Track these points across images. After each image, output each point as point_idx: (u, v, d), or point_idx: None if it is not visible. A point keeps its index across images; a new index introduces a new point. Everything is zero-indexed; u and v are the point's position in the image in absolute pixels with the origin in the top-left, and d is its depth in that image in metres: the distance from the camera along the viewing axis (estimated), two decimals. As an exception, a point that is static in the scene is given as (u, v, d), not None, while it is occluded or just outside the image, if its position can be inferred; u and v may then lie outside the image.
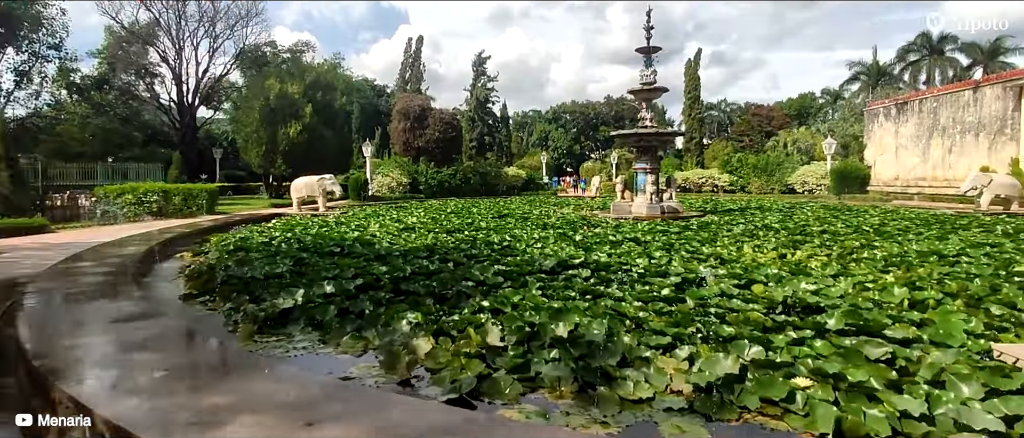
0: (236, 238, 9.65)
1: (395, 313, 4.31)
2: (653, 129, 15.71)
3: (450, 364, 3.40)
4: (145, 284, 5.87)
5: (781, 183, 29.22)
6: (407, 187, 29.38)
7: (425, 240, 8.82)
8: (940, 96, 25.99)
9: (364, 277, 5.58)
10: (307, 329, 4.27)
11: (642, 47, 15.73)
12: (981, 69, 48.75)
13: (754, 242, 8.67)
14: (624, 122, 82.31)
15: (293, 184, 16.66)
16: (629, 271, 5.89)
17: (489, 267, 5.96)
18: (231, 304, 5.02)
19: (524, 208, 17.88)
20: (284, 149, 27.13)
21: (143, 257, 7.32)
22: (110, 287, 5.20)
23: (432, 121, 31.36)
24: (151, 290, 5.76)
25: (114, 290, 5.05)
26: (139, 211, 15.64)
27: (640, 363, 3.27)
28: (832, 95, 77.73)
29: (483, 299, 4.67)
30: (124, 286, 5.32)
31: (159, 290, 5.89)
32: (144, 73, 34.85)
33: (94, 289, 4.99)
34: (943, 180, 25.29)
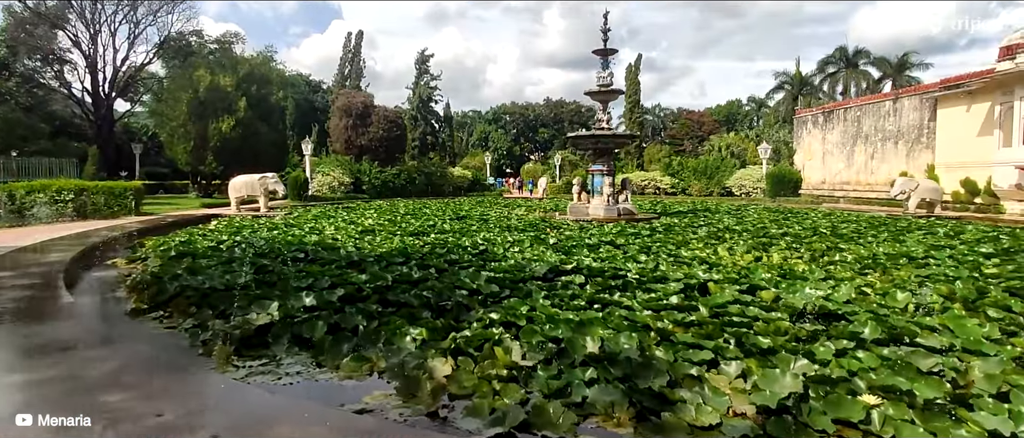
0: (176, 242, 8.73)
1: (396, 329, 3.86)
2: (611, 132, 15.73)
3: (478, 389, 3.01)
4: (82, 298, 5.07)
5: (720, 186, 30.29)
6: (349, 187, 28.25)
7: (392, 244, 8.28)
8: (863, 106, 27.73)
9: (344, 287, 5.04)
10: (294, 349, 3.74)
11: (599, 49, 15.70)
12: (890, 82, 52.77)
13: (724, 244, 8.70)
14: (564, 124, 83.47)
15: (231, 183, 15.48)
16: (625, 277, 5.65)
17: (477, 274, 5.56)
18: (194, 320, 4.38)
19: (478, 209, 17.48)
20: (215, 145, 25.36)
21: (70, 265, 6.41)
22: (42, 303, 4.43)
23: (375, 119, 30.30)
24: (91, 305, 4.98)
25: (48, 306, 4.31)
26: (52, 212, 14.01)
27: (690, 382, 3.00)
28: (757, 103, 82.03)
29: (488, 311, 4.28)
30: (58, 301, 4.56)
31: (100, 305, 5.11)
32: (52, 59, 31.61)
33: (22, 306, 4.22)
34: (866, 184, 26.98)
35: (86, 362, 2.86)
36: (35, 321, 3.96)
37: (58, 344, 3.25)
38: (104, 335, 3.72)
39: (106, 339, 3.55)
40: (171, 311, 4.75)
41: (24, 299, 4.50)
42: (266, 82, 29.36)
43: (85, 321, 4.12)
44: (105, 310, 4.83)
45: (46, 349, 3.09)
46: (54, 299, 4.77)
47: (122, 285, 5.89)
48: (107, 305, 5.11)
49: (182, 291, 5.11)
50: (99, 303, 5.15)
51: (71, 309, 4.47)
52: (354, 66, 41.06)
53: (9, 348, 3.13)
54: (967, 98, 21.00)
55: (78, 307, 4.61)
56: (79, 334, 3.57)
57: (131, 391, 2.38)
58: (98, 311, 4.76)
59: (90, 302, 5.06)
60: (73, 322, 3.93)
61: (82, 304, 4.78)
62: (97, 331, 3.85)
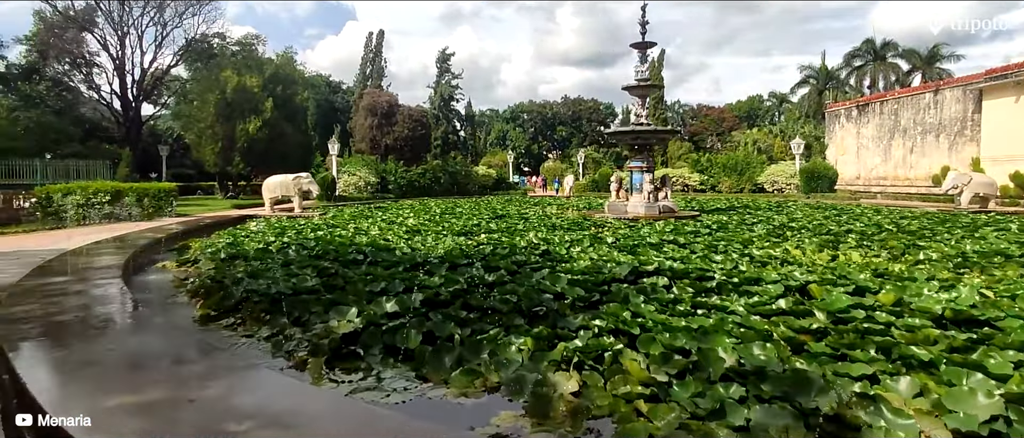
0: (222, 244, 8.52)
1: (495, 338, 3.54)
2: (651, 127, 15.31)
3: (616, 408, 2.68)
4: (145, 305, 4.82)
5: (751, 182, 29.64)
6: (375, 187, 28.10)
7: (445, 244, 7.98)
8: (901, 98, 26.92)
9: (421, 291, 4.74)
10: (389, 360, 3.43)
11: (637, 42, 15.31)
12: (920, 74, 51.50)
13: (788, 242, 8.28)
14: (582, 122, 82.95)
15: (266, 183, 15.33)
16: (713, 278, 5.27)
17: (555, 276, 5.23)
18: (269, 329, 4.11)
19: (511, 208, 17.15)
20: (242, 146, 25.36)
21: (123, 269, 6.19)
22: (109, 310, 4.19)
23: (400, 118, 30.10)
24: (157, 313, 4.73)
25: (115, 315, 4.06)
26: (88, 214, 13.97)
27: (862, 402, 2.63)
28: (778, 98, 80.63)
29: (587, 317, 3.94)
30: (124, 309, 4.32)
31: (166, 312, 4.86)
32: (81, 63, 31.92)
33: (91, 314, 3.97)
34: (904, 179, 26.19)
35: (184, 381, 2.57)
36: (109, 332, 3.71)
37: (144, 358, 2.99)
38: (184, 347, 3.44)
39: (188, 352, 3.28)
40: (242, 318, 4.48)
41: (90, 306, 4.27)
42: (291, 82, 29.35)
43: (158, 331, 3.85)
44: (172, 318, 4.58)
45: (137, 364, 2.82)
46: (120, 306, 4.53)
47: (181, 290, 5.65)
48: (172, 312, 4.86)
49: (249, 296, 4.85)
50: (164, 310, 4.91)
51: (139, 317, 4.22)
52: (375, 66, 40.93)
53: (99, 365, 2.86)
54: (1016, 88, 20.21)
55: (145, 315, 4.36)
56: (159, 347, 3.31)
57: (252, 420, 2.07)
58: (166, 319, 4.51)
59: (155, 309, 4.81)
60: (147, 332, 3.67)
61: (148, 312, 4.52)
62: (176, 342, 3.58)
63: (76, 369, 2.87)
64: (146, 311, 4.56)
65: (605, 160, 45.33)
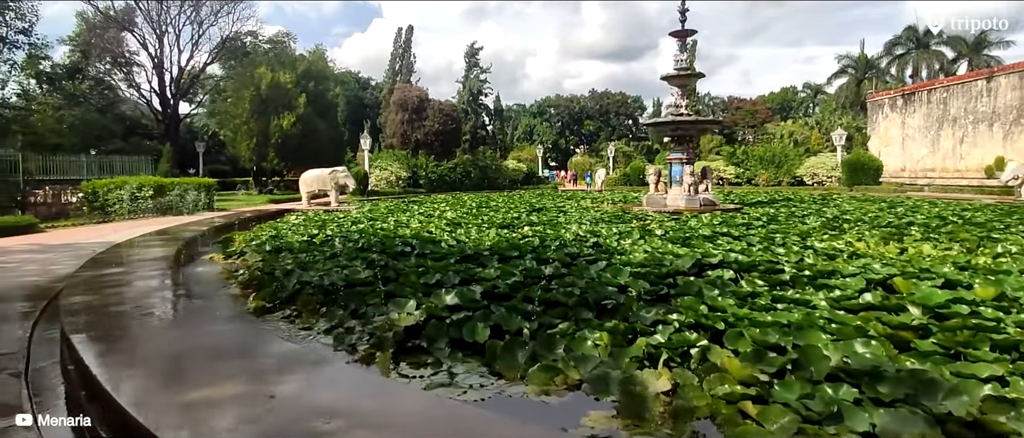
0: (265, 236, 8.51)
1: (567, 333, 3.34)
2: (691, 117, 14.89)
3: (717, 409, 2.45)
4: (199, 297, 4.76)
5: (790, 175, 28.81)
6: (406, 181, 28.16)
7: (488, 236, 7.82)
8: (950, 86, 25.78)
9: (477, 283, 4.57)
10: (457, 354, 3.26)
11: (676, 30, 14.86)
12: (966, 62, 49.41)
13: (848, 235, 7.89)
14: (610, 116, 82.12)
15: (303, 177, 15.41)
16: (782, 271, 4.98)
17: (616, 269, 5.00)
18: (327, 321, 3.98)
19: (547, 202, 16.90)
20: (276, 142, 25.67)
21: (173, 260, 6.18)
22: (165, 301, 4.13)
23: (431, 113, 30.08)
24: (212, 304, 4.65)
25: (173, 306, 4.00)
26: (133, 208, 14.24)
27: (997, 406, 2.35)
28: (813, 89, 78.50)
29: (662, 311, 3.71)
30: (180, 300, 4.26)
31: (220, 303, 4.78)
32: (121, 62, 32.78)
33: (150, 304, 3.91)
34: (954, 171, 25.10)
35: (258, 375, 2.44)
36: (169, 323, 3.64)
37: (210, 350, 2.89)
38: (247, 339, 3.34)
39: (253, 344, 3.17)
40: (297, 310, 4.37)
41: (147, 297, 4.21)
42: (323, 78, 29.59)
43: (217, 322, 3.77)
44: (227, 309, 4.49)
45: (205, 357, 2.70)
46: (175, 297, 4.47)
47: (231, 281, 5.59)
48: (226, 303, 4.79)
49: (302, 288, 4.74)
50: (217, 301, 4.83)
51: (195, 308, 4.16)
52: (404, 61, 41.06)
53: (168, 357, 2.76)
54: (1080, 74, 19.09)
55: (201, 306, 4.29)
56: (223, 339, 3.21)
57: (340, 418, 1.91)
58: (221, 310, 4.42)
59: (209, 301, 4.74)
60: (206, 323, 3.58)
61: (203, 303, 4.46)
62: (238, 334, 3.48)
63: (145, 361, 2.77)
64: (201, 302, 4.50)
65: (636, 154, 44.67)
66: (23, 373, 3.43)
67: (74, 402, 2.93)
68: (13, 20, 26.81)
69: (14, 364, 3.57)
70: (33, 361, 3.68)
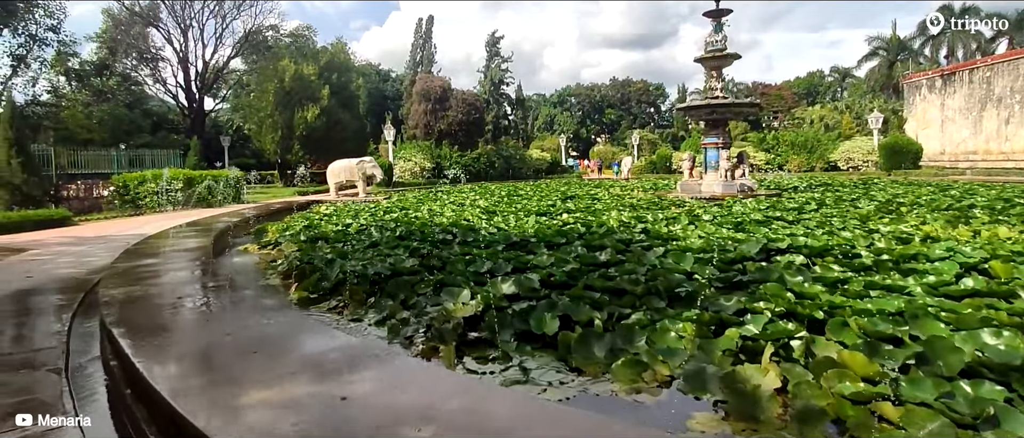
0: (298, 227, 8.34)
1: (642, 324, 3.04)
2: (727, 100, 14.36)
3: (842, 411, 2.12)
4: (242, 287, 4.55)
5: (823, 160, 27.95)
6: (430, 172, 27.98)
7: (530, 224, 7.52)
8: (995, 65, 24.66)
9: (532, 271, 4.29)
10: (525, 347, 2.98)
11: (711, 11, 14.33)
12: (1006, 41, 47.51)
13: (909, 218, 7.41)
14: (631, 104, 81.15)
15: (331, 168, 15.27)
16: (859, 255, 4.59)
17: (679, 255, 4.67)
18: (378, 312, 3.74)
19: (577, 190, 16.53)
20: (301, 134, 25.66)
21: (209, 251, 6.01)
22: (209, 291, 3.93)
23: (454, 103, 29.79)
24: (255, 295, 4.44)
25: (219, 297, 3.79)
26: (164, 200, 14.27)
27: None
28: (841, 73, 76.49)
29: (744, 298, 3.37)
30: (223, 291, 4.04)
31: (262, 294, 4.57)
32: (147, 58, 33.14)
33: (188, 296, 3.70)
34: (999, 153, 24.06)
35: (323, 373, 2.18)
36: (214, 315, 3.42)
37: (263, 345, 2.64)
38: (299, 332, 3.10)
39: (306, 338, 2.93)
40: (342, 300, 4.14)
41: (186, 288, 4.01)
42: (345, 70, 29.50)
43: (262, 314, 3.54)
44: (271, 300, 4.26)
45: (259, 352, 2.46)
46: (216, 288, 4.27)
47: (270, 271, 5.39)
48: (268, 294, 4.57)
49: (346, 278, 4.50)
50: (259, 291, 4.62)
51: (238, 299, 3.94)
52: (425, 51, 40.80)
53: (219, 353, 2.54)
54: None
55: (242, 297, 4.07)
56: (273, 331, 2.97)
57: (427, 423, 1.64)
58: (265, 301, 4.20)
59: (252, 292, 4.52)
60: (252, 315, 3.35)
61: (244, 294, 4.24)
62: (287, 326, 3.24)
63: (192, 357, 2.54)
64: (242, 293, 4.28)
65: (661, 141, 43.91)
66: (63, 370, 3.24)
67: (118, 400, 2.72)
68: (42, 17, 27.27)
69: (53, 360, 3.39)
70: (73, 357, 3.50)
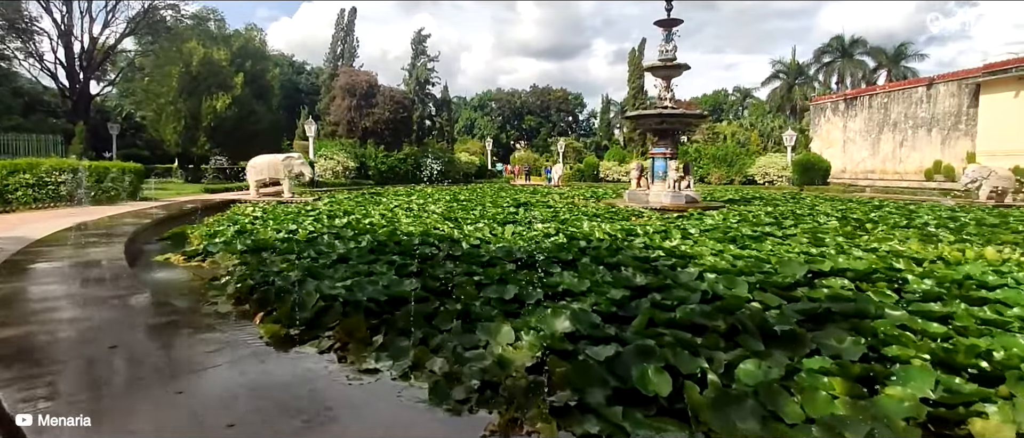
0: (230, 233, 7.02)
1: (769, 375, 2.37)
2: (678, 110, 14.33)
3: None
4: (181, 316, 3.41)
5: (742, 174, 29.29)
6: (353, 172, 26.29)
7: (504, 235, 6.74)
8: (892, 92, 26.94)
9: (577, 300, 3.53)
10: (634, 415, 2.21)
11: (662, 20, 14.28)
12: (885, 72, 52.78)
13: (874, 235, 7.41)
14: (550, 112, 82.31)
15: (252, 164, 13.59)
16: (905, 281, 4.24)
17: (730, 280, 4.08)
18: (394, 358, 2.80)
19: (522, 197, 15.86)
20: (209, 124, 23.17)
21: (123, 264, 4.71)
22: (136, 328, 2.84)
23: (381, 100, 28.22)
24: (205, 329, 3.33)
25: (150, 334, 2.73)
26: (42, 195, 11.96)
27: None
28: (742, 93, 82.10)
29: (847, 336, 2.80)
30: (159, 324, 2.97)
31: (215, 328, 3.45)
32: (21, 28, 28.62)
33: (116, 335, 2.61)
34: (894, 173, 26.26)
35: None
36: (164, 366, 2.37)
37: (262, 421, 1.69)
38: (299, 394, 2.16)
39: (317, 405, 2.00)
40: (336, 339, 3.15)
41: (120, 324, 2.87)
42: (261, 58, 27.14)
43: (235, 364, 2.53)
44: (237, 337, 3.18)
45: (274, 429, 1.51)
46: (151, 320, 3.14)
47: (216, 294, 4.20)
48: (224, 328, 3.46)
49: (330, 305, 3.50)
50: (211, 325, 3.49)
51: (186, 338, 2.88)
52: (347, 44, 38.64)
53: None
54: (1017, 83, 20.23)
55: (191, 334, 3.00)
56: (267, 395, 2.01)
57: None
58: (229, 339, 3.12)
59: (199, 326, 3.39)
60: (221, 366, 2.37)
61: (192, 330, 3.14)
62: (278, 384, 2.28)
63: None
64: (188, 329, 3.19)
65: (586, 150, 44.51)
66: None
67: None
68: None
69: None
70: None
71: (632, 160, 37.54)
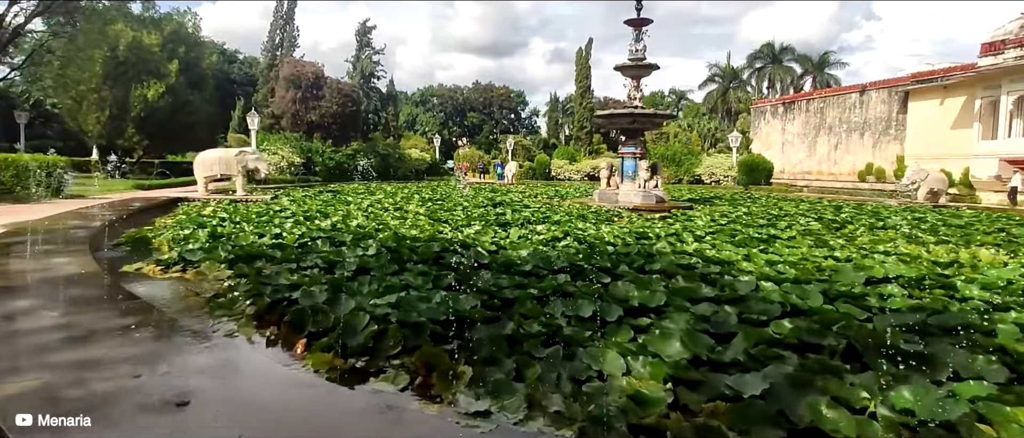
0: (202, 237, 6.25)
1: (944, 408, 2.15)
2: (649, 110, 14.35)
3: None
4: (199, 339, 2.82)
5: (689, 173, 30.08)
6: (299, 168, 24.94)
7: (512, 238, 6.34)
8: (827, 97, 28.42)
9: (660, 317, 3.21)
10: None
11: (632, 19, 14.23)
12: (811, 78, 56.02)
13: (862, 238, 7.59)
14: (493, 109, 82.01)
15: (200, 159, 12.44)
16: (955, 287, 4.20)
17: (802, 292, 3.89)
18: (495, 399, 2.39)
19: (488, 196, 15.45)
20: (139, 115, 21.26)
21: (100, 276, 3.98)
22: (161, 357, 2.29)
23: (329, 92, 26.90)
24: (237, 358, 2.78)
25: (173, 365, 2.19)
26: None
27: None
28: (678, 95, 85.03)
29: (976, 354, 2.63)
30: (181, 350, 2.43)
31: (246, 357, 2.89)
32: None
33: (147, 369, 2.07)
34: (829, 174, 27.73)
35: None
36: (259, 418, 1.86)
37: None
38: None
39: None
40: (409, 370, 2.68)
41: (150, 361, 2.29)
42: (195, 44, 25.22)
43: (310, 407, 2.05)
44: (292, 374, 2.63)
45: None
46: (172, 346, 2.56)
47: (222, 312, 3.59)
48: (268, 360, 2.90)
49: (384, 329, 3.02)
50: (241, 354, 2.91)
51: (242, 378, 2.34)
52: (287, 33, 36.67)
53: None
54: (941, 92, 21.73)
55: (248, 371, 2.46)
56: None
57: None
58: (281, 375, 2.57)
59: (228, 353, 2.81)
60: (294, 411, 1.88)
61: (222, 356, 2.59)
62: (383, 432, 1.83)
63: None
64: (218, 358, 2.63)
65: (535, 148, 44.52)
66: None
67: None
68: None
69: None
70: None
71: (582, 159, 38.09)
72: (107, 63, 20.97)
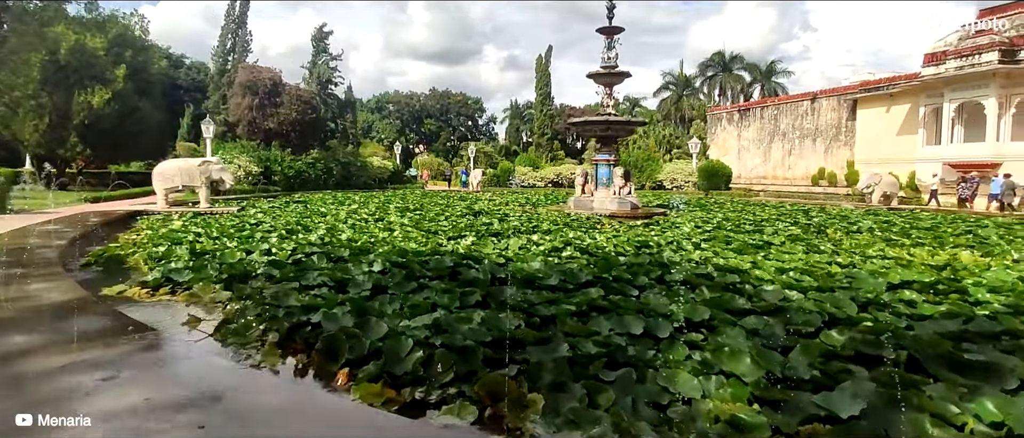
0: (183, 256, 5.83)
1: None
2: (623, 118, 14.47)
3: None
4: (225, 378, 2.56)
5: (652, 179, 30.60)
6: (257, 178, 24.00)
7: (514, 248, 6.20)
8: (781, 105, 29.51)
9: (713, 333, 3.14)
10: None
11: (604, 28, 14.34)
12: (759, 86, 58.21)
13: (846, 242, 7.83)
14: (450, 116, 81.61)
15: (160, 170, 11.72)
16: (967, 291, 4.32)
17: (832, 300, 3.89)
18: (576, 427, 2.28)
19: (460, 206, 15.22)
20: (82, 122, 20.01)
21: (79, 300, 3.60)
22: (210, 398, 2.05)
23: (287, 99, 26.03)
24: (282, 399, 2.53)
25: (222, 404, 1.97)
26: None
27: None
28: (631, 102, 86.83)
29: None
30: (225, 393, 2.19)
31: (287, 392, 2.65)
32: None
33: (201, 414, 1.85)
34: (784, 179, 28.76)
35: None
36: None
37: None
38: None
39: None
40: (476, 397, 2.51)
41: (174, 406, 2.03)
42: (144, 48, 23.96)
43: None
44: (353, 416, 2.39)
45: None
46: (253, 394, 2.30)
47: (237, 341, 3.30)
48: (311, 397, 2.65)
49: (430, 354, 2.83)
50: (298, 395, 2.65)
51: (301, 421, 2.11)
52: (239, 38, 35.37)
53: None
54: (887, 100, 22.88)
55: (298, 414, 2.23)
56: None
57: None
58: (333, 415, 2.34)
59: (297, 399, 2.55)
60: None
61: (255, 398, 2.35)
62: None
63: None
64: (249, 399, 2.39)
65: (497, 155, 44.45)
66: None
67: None
68: None
69: None
70: None
71: (545, 166, 38.32)
72: (46, 67, 19.66)
